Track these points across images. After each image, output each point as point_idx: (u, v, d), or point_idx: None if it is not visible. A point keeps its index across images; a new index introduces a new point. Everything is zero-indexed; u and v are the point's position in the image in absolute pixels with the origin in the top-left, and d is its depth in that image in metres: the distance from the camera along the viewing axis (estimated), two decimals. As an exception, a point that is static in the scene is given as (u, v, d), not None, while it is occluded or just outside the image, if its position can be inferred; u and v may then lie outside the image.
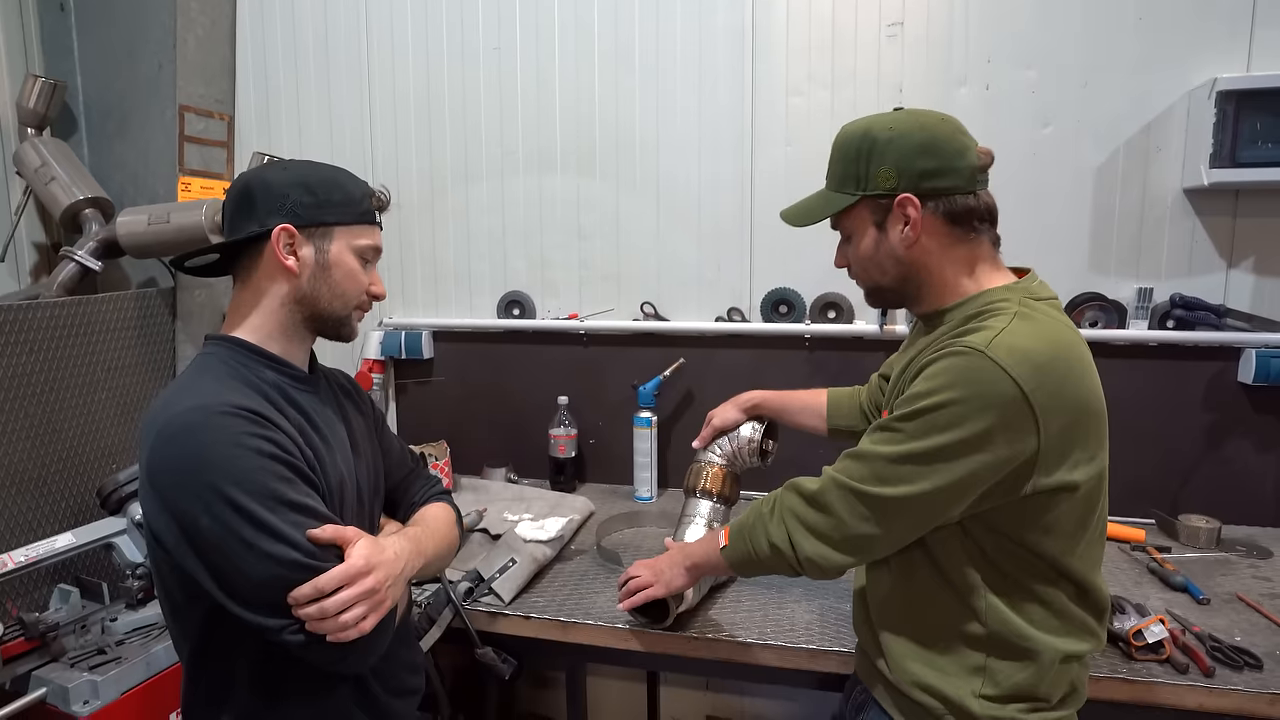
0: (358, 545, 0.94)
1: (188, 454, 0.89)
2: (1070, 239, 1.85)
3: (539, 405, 2.16)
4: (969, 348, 0.90)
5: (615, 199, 2.12)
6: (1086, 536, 0.97)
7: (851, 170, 1.02)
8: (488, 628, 1.46)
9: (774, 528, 1.05)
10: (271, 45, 2.26)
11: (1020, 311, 0.94)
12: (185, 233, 1.83)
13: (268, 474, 0.91)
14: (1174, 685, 1.18)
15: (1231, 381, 1.78)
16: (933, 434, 0.91)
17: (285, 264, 1.01)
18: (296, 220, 1.01)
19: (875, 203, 1.01)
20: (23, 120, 2.03)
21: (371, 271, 1.10)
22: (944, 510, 0.94)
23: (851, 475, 0.98)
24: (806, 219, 1.08)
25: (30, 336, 1.69)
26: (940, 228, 0.99)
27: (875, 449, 0.97)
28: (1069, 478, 0.92)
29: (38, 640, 1.44)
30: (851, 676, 1.22)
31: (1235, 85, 1.62)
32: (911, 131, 0.98)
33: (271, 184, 1.02)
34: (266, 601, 0.90)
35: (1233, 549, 1.67)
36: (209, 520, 0.88)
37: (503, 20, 2.11)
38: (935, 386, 0.91)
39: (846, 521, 0.98)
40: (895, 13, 1.88)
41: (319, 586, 0.89)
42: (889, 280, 1.05)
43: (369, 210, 1.07)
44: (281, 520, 0.90)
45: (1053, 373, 0.90)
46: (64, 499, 1.76)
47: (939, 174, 0.97)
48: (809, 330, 1.98)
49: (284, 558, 0.89)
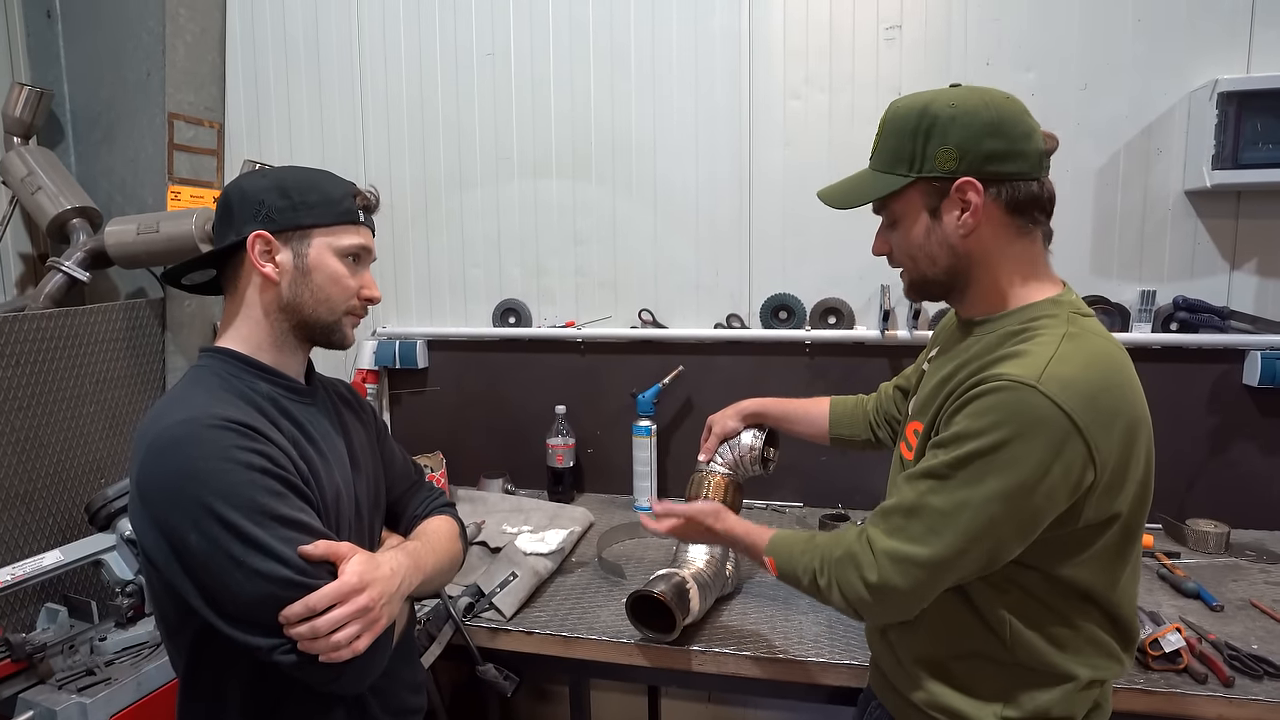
0: (351, 561, 0.91)
1: (176, 469, 0.87)
2: (1072, 242, 1.84)
3: (536, 414, 2.13)
4: (1018, 381, 0.84)
5: (612, 205, 2.09)
6: (1126, 569, 0.94)
7: (906, 149, 0.93)
8: (489, 644, 1.43)
9: (835, 599, 0.99)
10: (262, 51, 2.24)
11: (1069, 331, 0.89)
12: (175, 242, 1.80)
13: (258, 488, 0.88)
14: (1194, 696, 1.16)
15: (1236, 384, 1.76)
16: (988, 478, 0.85)
17: (263, 271, 0.98)
18: (271, 225, 0.98)
19: (931, 185, 0.93)
20: (8, 129, 1.99)
21: (363, 274, 1.05)
22: (1005, 555, 0.89)
23: (906, 538, 0.91)
24: (850, 200, 0.99)
25: (17, 349, 1.65)
26: (1000, 217, 0.93)
27: (927, 501, 0.90)
28: (1119, 508, 0.89)
29: (24, 661, 1.40)
30: (865, 691, 1.19)
31: (1237, 86, 1.61)
32: (977, 109, 0.90)
33: (247, 191, 0.99)
34: (257, 620, 0.87)
35: (1242, 554, 1.65)
36: (197, 536, 0.85)
37: (496, 25, 2.09)
38: (985, 426, 0.85)
39: (909, 592, 0.92)
40: (893, 15, 1.86)
41: (310, 605, 0.86)
42: (938, 272, 0.97)
43: (350, 210, 1.02)
44: (271, 536, 0.87)
45: (1106, 402, 0.85)
46: (51, 515, 1.72)
47: (1006, 157, 0.90)
48: (809, 336, 1.96)
49: (274, 575, 0.86)
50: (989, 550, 0.88)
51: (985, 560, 0.89)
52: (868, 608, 0.95)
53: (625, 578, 1.60)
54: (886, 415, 1.38)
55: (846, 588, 0.96)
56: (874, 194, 0.96)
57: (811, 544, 1.04)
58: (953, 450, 0.88)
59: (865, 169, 1.00)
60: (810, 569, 1.02)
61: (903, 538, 0.91)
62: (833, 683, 1.30)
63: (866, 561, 0.94)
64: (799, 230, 1.97)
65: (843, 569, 0.98)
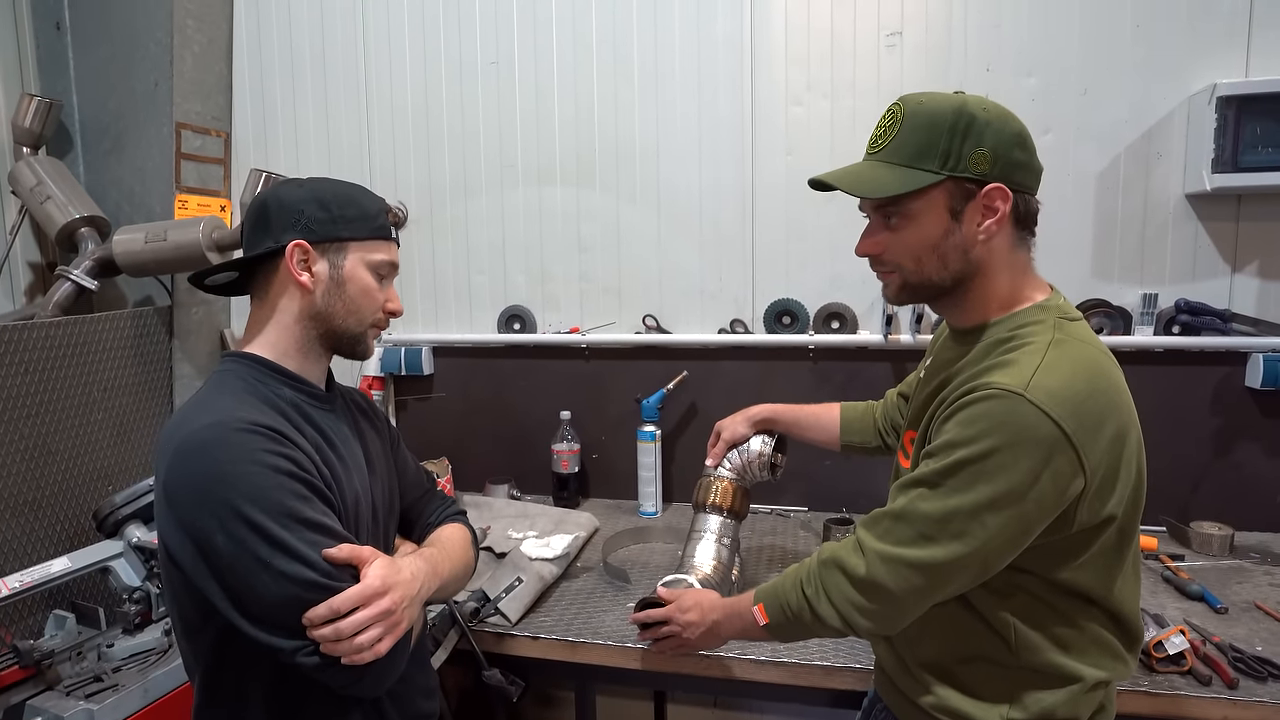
0: (374, 566, 0.92)
1: (204, 471, 0.88)
2: (1073, 246, 1.84)
3: (541, 420, 2.13)
4: (1005, 390, 0.84)
5: (615, 211, 2.11)
6: (1123, 569, 0.94)
7: (939, 145, 0.89)
8: (494, 648, 1.44)
9: (824, 609, 0.98)
10: (269, 61, 2.26)
11: (1056, 339, 0.89)
12: (183, 250, 1.81)
13: (285, 491, 0.89)
14: (1198, 698, 1.16)
15: (1239, 386, 1.77)
16: (978, 485, 0.85)
17: (299, 279, 1.00)
18: (310, 235, 1.00)
19: (961, 187, 0.90)
20: (18, 139, 2.01)
21: (388, 289, 1.08)
22: (997, 563, 0.89)
23: (895, 540, 0.91)
24: (867, 189, 0.92)
25: (25, 356, 1.66)
26: (1010, 228, 0.93)
27: (917, 507, 0.90)
28: (1111, 511, 0.89)
29: (32, 668, 1.40)
30: (870, 694, 1.19)
31: (1236, 90, 1.62)
32: (1007, 118, 0.90)
33: (286, 200, 1.01)
34: (281, 622, 0.88)
35: (1246, 556, 1.65)
36: (224, 538, 0.87)
37: (500, 34, 2.11)
38: (974, 434, 0.85)
39: (900, 596, 0.92)
40: (894, 22, 1.88)
41: (334, 607, 0.87)
42: (946, 276, 0.94)
43: (384, 225, 1.06)
44: (297, 539, 0.88)
45: (1093, 409, 0.85)
46: (59, 522, 1.73)
47: (1026, 169, 0.91)
48: (813, 341, 1.97)
49: (299, 577, 0.87)
50: (981, 559, 0.88)
51: (978, 569, 0.89)
52: (857, 610, 0.95)
53: (630, 582, 1.60)
54: (892, 422, 1.38)
55: (834, 590, 0.97)
56: (899, 187, 0.90)
57: (793, 570, 1.05)
58: (942, 458, 0.88)
59: (868, 161, 0.95)
60: (797, 583, 1.02)
61: (892, 540, 0.92)
62: (837, 686, 1.30)
63: (854, 561, 0.95)
64: (802, 235, 1.98)
65: (828, 572, 0.98)
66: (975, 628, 0.96)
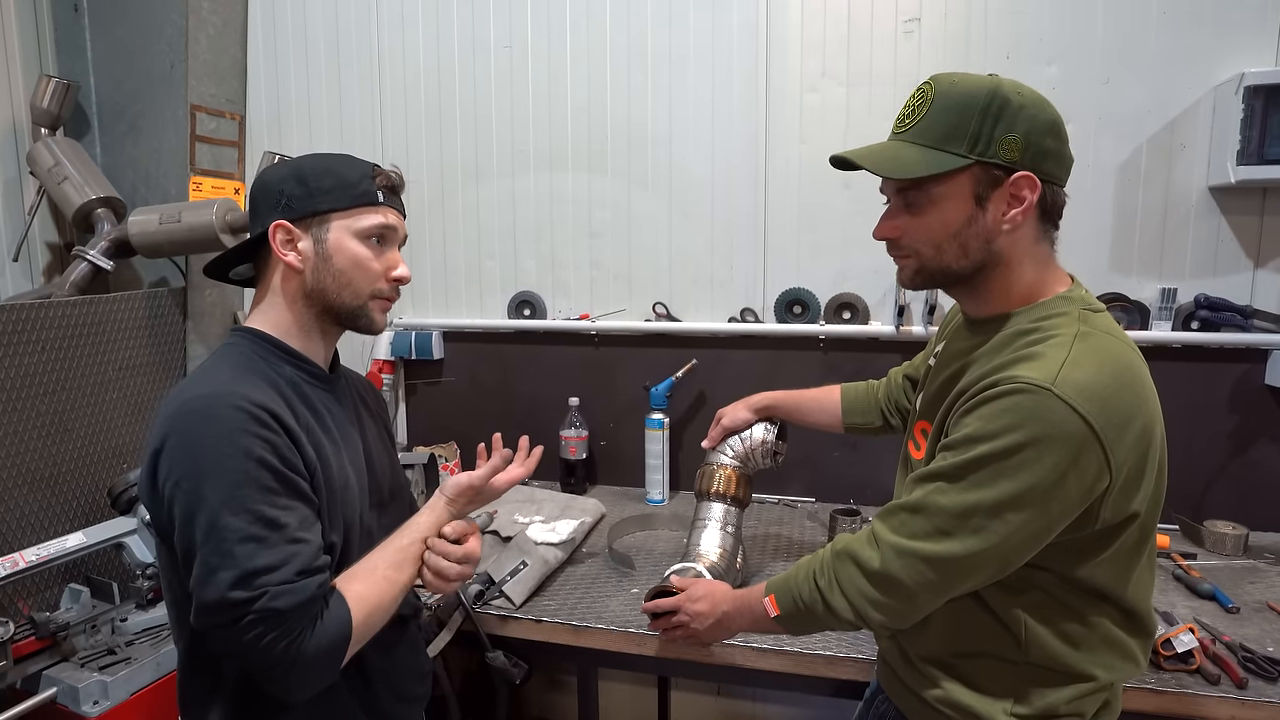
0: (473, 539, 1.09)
1: (184, 442, 0.89)
2: (1091, 238, 1.81)
3: (550, 406, 2.14)
4: (1033, 384, 0.81)
5: (627, 198, 2.10)
6: (1140, 563, 0.92)
7: (968, 128, 0.85)
8: (498, 631, 1.45)
9: (837, 601, 0.96)
10: (283, 45, 2.26)
11: (1081, 331, 0.86)
12: (196, 232, 1.82)
13: (250, 482, 0.88)
14: (1205, 696, 1.15)
15: (1258, 384, 1.73)
16: (1000, 481, 0.83)
17: (286, 260, 0.99)
18: (290, 214, 0.99)
19: (988, 172, 0.86)
20: (36, 120, 2.03)
21: (389, 254, 1.04)
22: (1016, 561, 0.87)
23: (910, 534, 0.89)
24: (891, 169, 0.89)
25: (42, 335, 1.69)
26: (1035, 219, 0.89)
27: (934, 500, 0.87)
28: (1135, 509, 0.87)
29: (48, 640, 1.44)
30: (873, 685, 1.19)
31: (1264, 80, 1.58)
32: (1042, 104, 0.87)
33: (269, 182, 1.01)
34: (201, 605, 0.88)
35: (1261, 556, 1.63)
36: (180, 509, 0.88)
37: (514, 18, 2.10)
38: (998, 429, 0.82)
39: (914, 590, 0.90)
40: (912, 8, 1.85)
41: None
42: (966, 265, 0.91)
43: (367, 191, 1.02)
44: (234, 534, 0.87)
45: (1121, 405, 0.83)
46: (75, 498, 1.76)
47: (1058, 159, 0.88)
48: (823, 331, 1.96)
49: (220, 577, 0.86)
50: (1000, 556, 0.86)
51: (996, 566, 0.88)
52: (870, 604, 0.94)
53: (635, 569, 1.61)
54: (897, 404, 1.37)
55: (847, 583, 0.95)
56: (924, 169, 0.87)
57: (806, 561, 1.04)
58: (963, 452, 0.85)
59: (894, 140, 0.92)
60: (810, 575, 1.01)
61: (907, 533, 0.90)
62: (840, 676, 1.30)
63: (868, 553, 0.93)
64: (814, 225, 1.96)
65: (842, 564, 0.97)
66: (984, 623, 0.94)
